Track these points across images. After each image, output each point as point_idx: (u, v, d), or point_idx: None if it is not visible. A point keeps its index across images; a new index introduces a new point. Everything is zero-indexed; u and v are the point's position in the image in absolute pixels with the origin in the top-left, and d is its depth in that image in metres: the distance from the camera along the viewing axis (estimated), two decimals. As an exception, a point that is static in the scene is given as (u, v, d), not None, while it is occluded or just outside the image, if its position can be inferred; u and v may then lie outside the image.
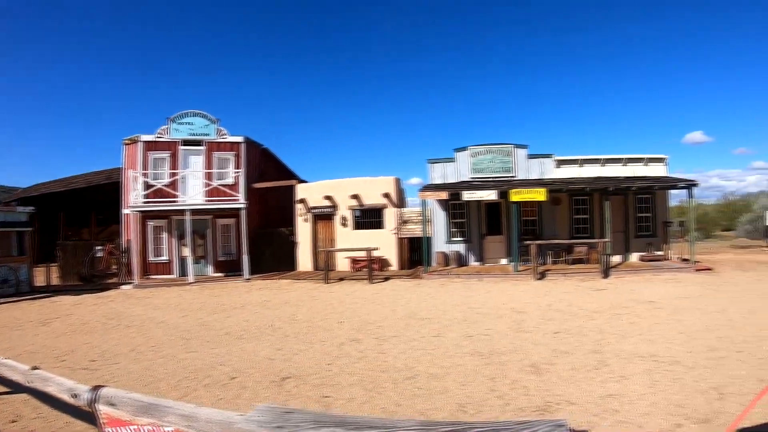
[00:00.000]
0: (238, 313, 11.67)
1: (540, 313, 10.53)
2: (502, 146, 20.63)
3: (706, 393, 5.48)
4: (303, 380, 6.29)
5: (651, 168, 20.55)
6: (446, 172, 20.73)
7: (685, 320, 9.31)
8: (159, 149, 20.60)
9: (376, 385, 6.06)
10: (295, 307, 12.27)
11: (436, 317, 10.43)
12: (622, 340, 7.99)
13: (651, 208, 20.38)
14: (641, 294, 12.56)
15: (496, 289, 14.18)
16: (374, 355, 7.49)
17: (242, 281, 18.56)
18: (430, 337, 8.65)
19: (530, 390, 5.74)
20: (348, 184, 21.42)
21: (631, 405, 5.21)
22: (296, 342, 8.50)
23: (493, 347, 7.75)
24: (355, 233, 21.07)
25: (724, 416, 4.84)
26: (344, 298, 13.53)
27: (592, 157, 20.72)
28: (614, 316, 9.95)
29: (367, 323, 9.99)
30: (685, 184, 17.99)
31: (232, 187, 20.22)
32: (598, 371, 6.36)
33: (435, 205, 20.31)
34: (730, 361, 6.63)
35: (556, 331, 8.73)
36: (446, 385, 5.98)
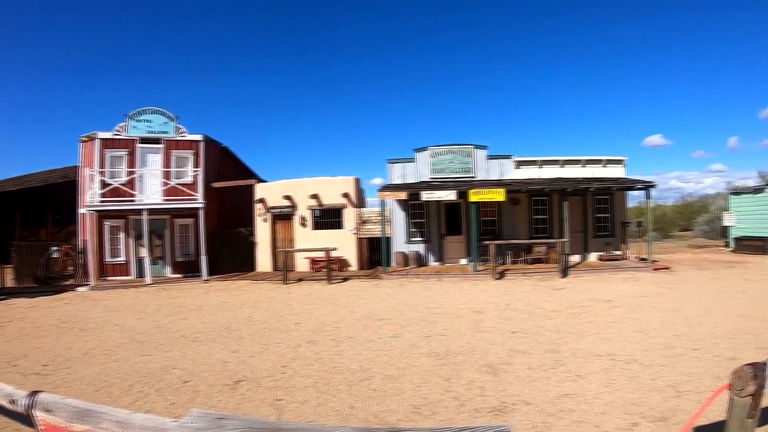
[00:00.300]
0: (194, 315, 11.34)
1: (498, 312, 10.48)
2: (462, 147, 20.66)
3: (663, 391, 5.44)
4: (257, 383, 6.11)
5: (610, 169, 20.93)
6: (406, 172, 20.64)
7: (642, 319, 9.38)
8: (116, 147, 19.93)
9: (331, 387, 5.88)
10: (252, 309, 11.99)
11: (394, 318, 10.27)
12: (579, 339, 7.96)
13: (609, 208, 20.75)
14: (599, 293, 12.67)
15: (455, 289, 14.11)
16: (330, 356, 7.31)
17: (200, 282, 18.17)
18: (387, 337, 8.48)
19: (486, 390, 5.60)
20: (307, 184, 21.18)
21: (587, 404, 5.11)
22: (252, 344, 8.29)
23: (450, 347, 7.61)
24: (314, 233, 20.86)
25: (681, 414, 4.79)
26: (302, 299, 13.29)
27: (551, 159, 20.98)
28: (572, 315, 9.96)
29: (325, 324, 9.79)
30: (643, 186, 18.33)
31: (190, 187, 19.72)
32: (554, 371, 6.27)
33: (395, 205, 20.20)
34: (686, 358, 6.65)
35: (514, 331, 8.65)
36: (401, 387, 5.81)
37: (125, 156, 19.93)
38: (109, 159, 19.79)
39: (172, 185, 19.42)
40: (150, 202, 18.95)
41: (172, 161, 20.31)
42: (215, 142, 22.48)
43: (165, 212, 20.01)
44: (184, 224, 20.89)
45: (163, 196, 19.38)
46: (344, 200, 20.82)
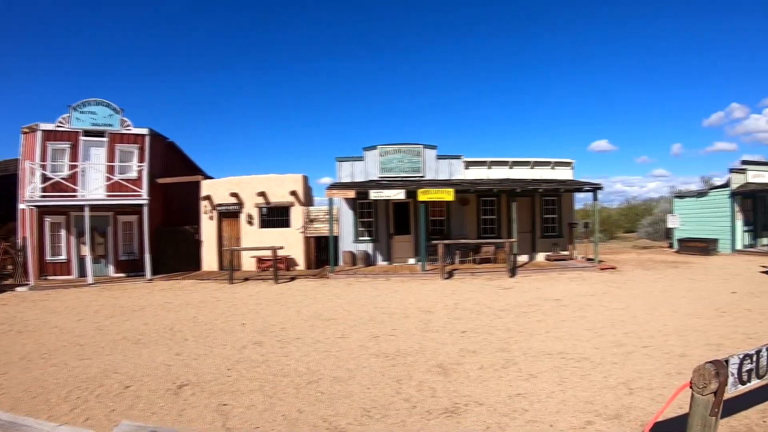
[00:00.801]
0: (137, 316, 10.91)
1: (447, 312, 10.42)
2: (412, 146, 20.63)
3: (616, 389, 5.44)
4: (201, 387, 5.84)
5: (558, 171, 21.43)
6: (354, 170, 20.44)
7: (591, 317, 9.52)
8: (59, 139, 19.08)
9: (278, 390, 5.64)
10: (197, 309, 11.62)
11: (342, 318, 10.07)
12: (530, 337, 7.97)
13: (557, 209, 21.25)
14: (547, 292, 12.84)
15: (403, 289, 14.00)
16: (276, 358, 7.06)
17: (144, 282, 17.62)
18: (335, 338, 8.27)
19: (437, 391, 5.46)
20: (255, 181, 20.73)
21: (540, 404, 5.05)
22: (196, 346, 7.97)
23: (399, 348, 7.46)
24: (261, 232, 20.46)
25: (635, 411, 4.79)
26: (248, 299, 12.95)
27: (500, 160, 21.26)
28: (521, 314, 10.00)
29: (271, 325, 9.53)
30: (591, 188, 18.82)
31: (134, 182, 19.17)
32: (506, 370, 6.21)
33: (343, 204, 19.99)
34: (637, 356, 6.72)
35: (464, 331, 8.59)
36: (351, 389, 5.61)
37: (68, 149, 19.14)
38: (51, 152, 19.01)
39: (116, 180, 18.78)
40: (93, 197, 18.25)
41: (116, 155, 19.63)
42: (161, 137, 21.75)
43: (108, 208, 19.41)
44: (128, 221, 20.31)
45: (107, 191, 18.74)
46: (292, 198, 20.49)
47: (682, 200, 27.53)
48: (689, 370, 5.91)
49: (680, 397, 5.13)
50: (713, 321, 8.87)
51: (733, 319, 9.03)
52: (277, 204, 20.55)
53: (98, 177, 18.92)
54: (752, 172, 24.13)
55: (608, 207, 49.42)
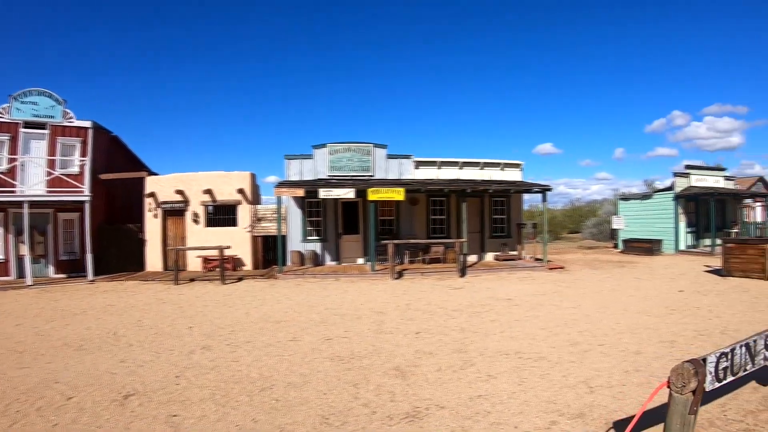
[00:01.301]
0: (79, 320, 10.29)
1: (399, 313, 10.32)
2: (362, 145, 20.48)
3: (576, 387, 5.46)
4: (148, 397, 5.49)
5: (507, 173, 21.82)
6: (303, 169, 20.09)
7: (544, 316, 9.63)
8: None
9: (230, 398, 5.36)
10: (141, 312, 11.11)
11: (293, 319, 9.81)
12: (485, 338, 7.96)
13: (506, 210, 21.64)
14: (498, 292, 12.95)
15: (353, 289, 13.82)
16: (227, 364, 6.75)
17: (86, 283, 16.69)
18: (286, 341, 8.00)
19: (397, 395, 5.32)
20: (201, 178, 20.09)
21: (502, 405, 4.99)
22: (141, 352, 7.55)
23: (353, 350, 7.28)
24: (207, 231, 19.88)
25: (598, 410, 4.80)
26: (195, 301, 12.51)
27: (450, 160, 21.44)
28: (474, 314, 10.02)
29: (219, 328, 9.18)
30: (540, 189, 19.23)
31: (76, 178, 18.15)
32: (464, 371, 6.14)
33: (291, 203, 19.64)
34: (593, 354, 6.80)
35: (418, 331, 8.50)
36: (306, 395, 5.40)
37: (7, 141, 17.95)
38: (-11, 144, 17.88)
39: (57, 175, 17.76)
40: (32, 193, 17.20)
41: (57, 149, 18.49)
42: (105, 131, 20.66)
43: (48, 205, 18.37)
44: (69, 219, 19.25)
45: (47, 187, 17.68)
46: (239, 196, 19.99)
47: (626, 202, 28.62)
48: (646, 368, 6.07)
49: (640, 394, 5.22)
50: (664, 319, 9.14)
51: (682, 316, 9.35)
52: (224, 202, 20.02)
53: (38, 172, 17.82)
54: (695, 177, 25.46)
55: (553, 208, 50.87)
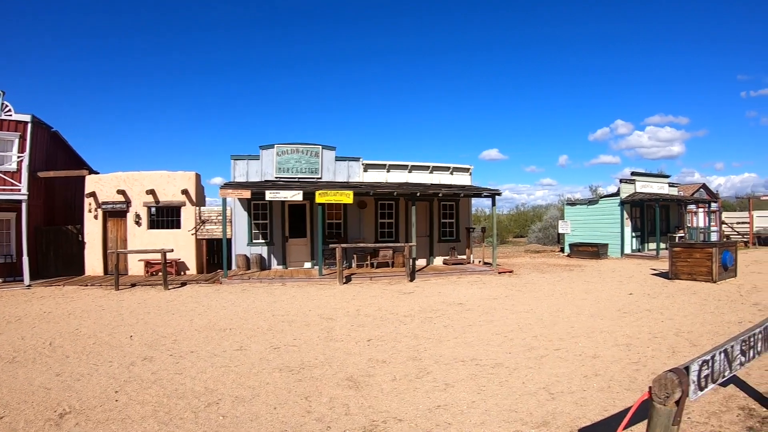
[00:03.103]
0: (12, 329, 9.56)
1: (349, 319, 10.07)
2: (310, 146, 20.13)
3: (536, 394, 5.36)
4: (86, 415, 5.02)
5: (456, 177, 21.96)
6: (250, 170, 19.57)
7: (497, 321, 9.59)
8: None
9: (174, 416, 4.96)
10: (80, 320, 10.44)
11: (239, 327, 9.41)
12: (439, 344, 7.81)
13: (455, 214, 21.78)
14: (449, 296, 12.90)
15: (301, 294, 13.47)
16: (170, 376, 6.32)
17: (22, 288, 15.75)
18: (232, 350, 7.62)
19: (351, 408, 5.07)
20: (144, 178, 19.19)
21: (463, 415, 4.83)
22: (79, 364, 7.00)
23: (303, 360, 6.98)
24: (150, 233, 19.02)
25: (562, 417, 4.70)
26: (136, 308, 11.90)
27: (399, 163, 21.40)
28: (426, 319, 9.88)
29: (162, 337, 8.69)
30: (489, 193, 19.44)
31: (13, 175, 17.06)
32: (420, 380, 5.95)
33: (237, 205, 19.10)
34: (550, 359, 6.76)
35: (369, 339, 8.28)
36: (256, 410, 5.07)
37: None
38: None
39: None
40: None
41: None
42: (45, 126, 19.37)
43: None
44: (5, 219, 18.02)
45: None
46: (183, 198, 19.20)
47: (573, 207, 29.38)
48: (605, 372, 6.05)
49: (602, 400, 5.17)
50: (617, 321, 9.27)
51: (635, 319, 9.50)
52: (168, 203, 19.18)
53: (-28, 168, 16.74)
54: (640, 183, 26.44)
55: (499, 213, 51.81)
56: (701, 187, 36.87)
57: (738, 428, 4.38)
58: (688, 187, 35.77)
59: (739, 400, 5.08)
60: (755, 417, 4.63)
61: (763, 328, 3.64)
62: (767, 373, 5.90)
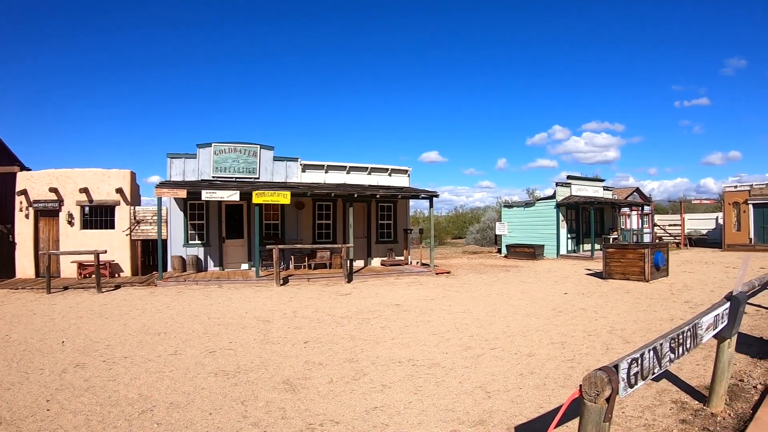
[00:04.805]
0: None
1: (286, 321, 9.89)
2: (248, 146, 19.75)
3: (473, 393, 5.40)
4: (16, 426, 4.68)
5: (394, 178, 22.09)
6: (187, 169, 18.99)
7: (434, 321, 9.64)
8: None
9: (107, 424, 4.68)
10: (9, 325, 9.78)
11: (173, 331, 9.06)
12: (376, 345, 7.78)
13: (392, 215, 21.88)
14: (386, 297, 12.91)
15: (237, 297, 13.14)
16: (103, 383, 5.97)
17: None
18: (167, 355, 7.30)
19: (288, 411, 4.94)
20: (77, 176, 18.22)
21: (400, 416, 4.79)
22: (8, 372, 6.53)
23: (239, 363, 6.77)
24: (83, 233, 18.09)
25: (498, 415, 4.75)
26: (68, 312, 11.26)
27: (338, 164, 21.34)
28: (363, 321, 9.83)
29: (95, 342, 8.23)
30: (427, 195, 19.64)
31: None
32: (357, 382, 5.89)
33: (173, 205, 18.50)
34: (487, 359, 6.83)
35: (306, 341, 8.14)
36: (191, 416, 4.85)
37: None
38: None
39: None
40: None
41: None
42: None
43: None
44: None
45: None
46: (118, 196, 18.35)
47: (510, 209, 30.10)
48: (540, 369, 6.16)
49: (538, 397, 5.25)
50: (552, 320, 9.51)
51: (570, 317, 9.78)
52: (102, 202, 18.29)
53: None
54: (576, 186, 27.36)
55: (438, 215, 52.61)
56: (635, 190, 38.50)
57: (671, 421, 4.54)
58: (622, 191, 37.31)
59: (672, 394, 5.29)
60: (687, 410, 4.82)
61: (692, 326, 3.77)
62: (698, 367, 6.18)
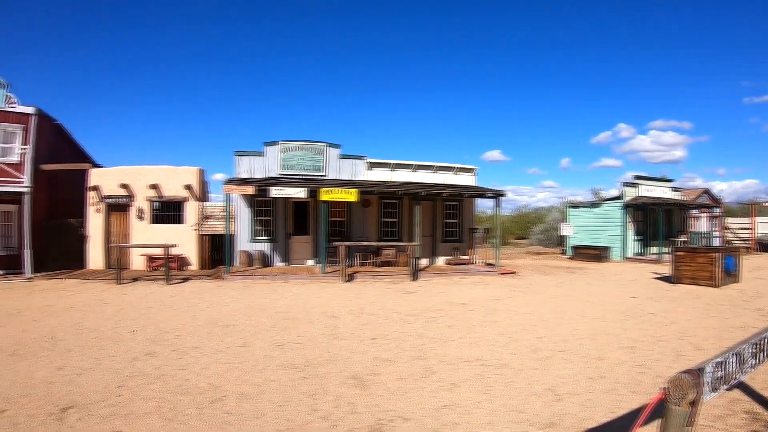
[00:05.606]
0: (14, 322, 9.51)
1: (353, 317, 10.06)
2: (315, 144, 20.18)
3: (542, 395, 5.35)
4: (88, 410, 4.95)
5: (460, 177, 21.97)
6: (254, 166, 19.61)
7: (501, 321, 9.58)
8: None
9: (178, 412, 4.92)
10: (81, 314, 10.38)
11: (242, 323, 9.39)
12: (444, 344, 7.81)
13: (458, 214, 21.77)
14: (452, 296, 12.89)
15: (304, 292, 13.46)
16: (173, 372, 6.27)
17: (23, 281, 15.82)
18: (236, 347, 7.59)
19: (357, 406, 5.06)
20: (147, 173, 19.27)
21: (470, 415, 4.82)
22: (81, 358, 6.94)
23: (307, 357, 6.96)
24: (152, 228, 19.10)
25: (568, 419, 4.70)
26: (138, 302, 11.87)
27: (404, 162, 21.45)
28: (430, 319, 9.87)
29: (164, 332, 8.65)
30: (494, 194, 19.44)
31: (16, 167, 17.13)
32: (426, 380, 5.94)
33: (240, 202, 19.15)
34: (555, 361, 6.74)
35: (374, 337, 8.27)
36: (261, 407, 5.03)
37: None
38: None
39: None
40: None
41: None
42: (49, 118, 19.47)
43: None
44: (7, 212, 18.17)
45: None
46: (187, 193, 19.28)
47: (576, 210, 29.37)
48: (610, 374, 6.03)
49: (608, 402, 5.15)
50: (621, 324, 9.26)
51: (639, 322, 9.49)
52: (171, 198, 19.25)
53: (-25, 160, 16.83)
54: (644, 186, 26.42)
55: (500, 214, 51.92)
56: (704, 192, 36.79)
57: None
58: (690, 192, 35.71)
59: (744, 404, 5.08)
60: (760, 420, 4.64)
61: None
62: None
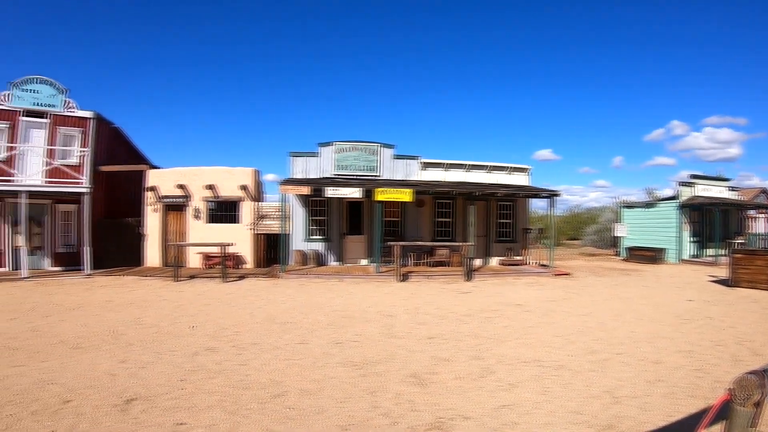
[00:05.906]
0: (75, 316, 10.08)
1: (409, 316, 10.25)
2: (368, 144, 20.52)
3: (600, 397, 5.41)
4: (152, 402, 5.24)
5: (514, 177, 21.88)
6: (308, 167, 20.09)
7: (557, 323, 9.59)
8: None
9: (240, 406, 5.17)
10: (140, 309, 10.93)
11: (299, 321, 9.69)
12: (501, 344, 7.91)
13: (512, 214, 21.68)
14: (507, 297, 12.93)
15: (358, 291, 13.76)
16: (234, 367, 6.57)
17: (82, 277, 16.62)
18: (294, 344, 7.89)
19: (417, 404, 5.24)
20: (203, 173, 20.14)
21: (529, 416, 4.93)
22: (142, 352, 7.33)
23: (366, 355, 7.20)
24: (208, 227, 19.94)
25: (626, 421, 4.76)
26: (196, 299, 12.38)
27: (457, 162, 21.52)
28: (486, 319, 9.96)
29: (223, 328, 9.02)
30: (548, 194, 19.26)
31: (76, 169, 18.23)
32: (484, 379, 6.08)
33: (294, 202, 19.66)
34: (613, 363, 6.76)
35: (431, 336, 8.44)
36: (322, 403, 5.26)
37: (6, 129, 18.02)
38: (-12, 132, 17.92)
39: (56, 166, 17.82)
40: (30, 183, 17.20)
41: (57, 139, 18.59)
42: (106, 121, 20.72)
43: (47, 196, 18.43)
44: (68, 211, 19.34)
45: (46, 177, 17.72)
46: (242, 193, 19.99)
47: (630, 210, 28.66)
48: (668, 378, 6.04)
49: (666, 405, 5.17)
50: (678, 328, 9.13)
51: (696, 326, 9.33)
52: (226, 198, 20.03)
53: (37, 161, 17.90)
54: (700, 186, 25.55)
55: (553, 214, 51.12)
56: (762, 191, 35.12)
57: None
58: (747, 191, 34.15)
59: (808, 410, 5.00)
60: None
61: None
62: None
